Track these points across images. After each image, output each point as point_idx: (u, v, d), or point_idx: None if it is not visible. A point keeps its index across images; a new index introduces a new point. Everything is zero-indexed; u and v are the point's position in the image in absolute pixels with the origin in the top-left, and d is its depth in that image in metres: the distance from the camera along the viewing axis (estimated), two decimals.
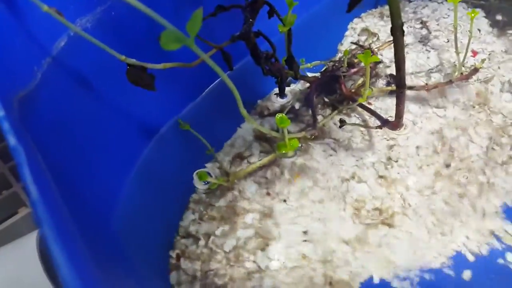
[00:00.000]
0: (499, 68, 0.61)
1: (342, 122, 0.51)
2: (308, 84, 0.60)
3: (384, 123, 0.48)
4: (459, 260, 0.44)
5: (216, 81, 0.58)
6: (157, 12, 0.25)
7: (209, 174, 0.52)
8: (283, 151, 0.45)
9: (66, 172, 0.36)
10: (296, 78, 0.49)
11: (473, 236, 0.46)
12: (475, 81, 0.59)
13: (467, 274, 0.43)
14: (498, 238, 0.45)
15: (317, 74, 0.61)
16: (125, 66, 0.38)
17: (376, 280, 0.44)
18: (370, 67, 0.60)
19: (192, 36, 0.26)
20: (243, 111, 0.36)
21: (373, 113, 0.53)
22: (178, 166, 0.52)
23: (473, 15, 0.54)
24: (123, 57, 0.38)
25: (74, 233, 0.25)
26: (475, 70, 0.57)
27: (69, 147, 0.38)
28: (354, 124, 0.54)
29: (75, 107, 0.39)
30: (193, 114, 0.55)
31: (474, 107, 0.57)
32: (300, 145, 0.54)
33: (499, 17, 0.68)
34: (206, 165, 0.54)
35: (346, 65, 0.55)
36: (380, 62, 0.62)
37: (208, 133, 0.54)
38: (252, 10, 0.44)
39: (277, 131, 0.48)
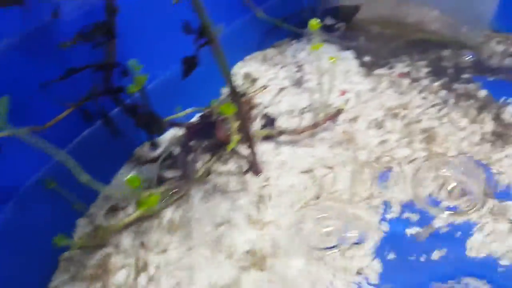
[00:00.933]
0: (365, 106, 0.66)
1: (208, 172, 0.52)
2: None
3: (248, 169, 0.50)
4: None
5: (86, 131, 0.57)
6: None
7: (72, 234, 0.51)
8: (143, 208, 0.45)
9: None
10: (160, 133, 0.50)
11: (339, 274, 0.49)
12: (342, 121, 0.63)
13: None
14: (365, 275, 0.48)
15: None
16: None
17: None
18: (246, 111, 0.63)
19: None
20: (83, 178, 0.36)
21: (244, 158, 0.55)
22: (46, 225, 0.51)
23: (333, 60, 0.59)
24: None
25: None
26: (339, 112, 0.62)
27: None
28: (221, 173, 0.56)
29: None
30: (61, 168, 0.54)
31: (341, 144, 0.61)
32: (163, 200, 0.54)
33: (367, 58, 0.74)
34: (78, 221, 0.53)
35: (217, 112, 0.58)
36: (254, 106, 0.65)
37: (80, 187, 0.53)
38: (106, 71, 0.44)
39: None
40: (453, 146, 0.59)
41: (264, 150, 0.61)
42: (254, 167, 0.47)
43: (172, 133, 0.64)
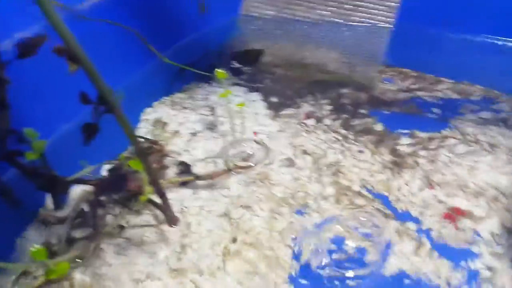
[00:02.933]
0: (276, 146, 0.68)
1: (121, 228, 0.50)
2: None
3: (163, 220, 0.49)
4: None
5: None
6: None
7: None
8: (53, 277, 0.42)
9: None
10: (65, 193, 0.48)
11: None
12: (255, 163, 0.65)
13: None
14: None
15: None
16: None
17: None
18: (157, 161, 0.62)
19: None
20: None
21: (159, 208, 0.54)
22: None
23: (240, 106, 0.61)
24: None
25: None
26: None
27: None
28: (135, 226, 0.54)
29: None
30: None
31: (255, 183, 0.62)
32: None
33: (274, 99, 0.77)
34: None
35: (127, 165, 0.56)
36: (168, 154, 0.64)
37: None
38: None
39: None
40: (357, 178, 0.63)
41: (182, 196, 0.60)
42: (168, 219, 0.46)
43: (81, 189, 0.61)
